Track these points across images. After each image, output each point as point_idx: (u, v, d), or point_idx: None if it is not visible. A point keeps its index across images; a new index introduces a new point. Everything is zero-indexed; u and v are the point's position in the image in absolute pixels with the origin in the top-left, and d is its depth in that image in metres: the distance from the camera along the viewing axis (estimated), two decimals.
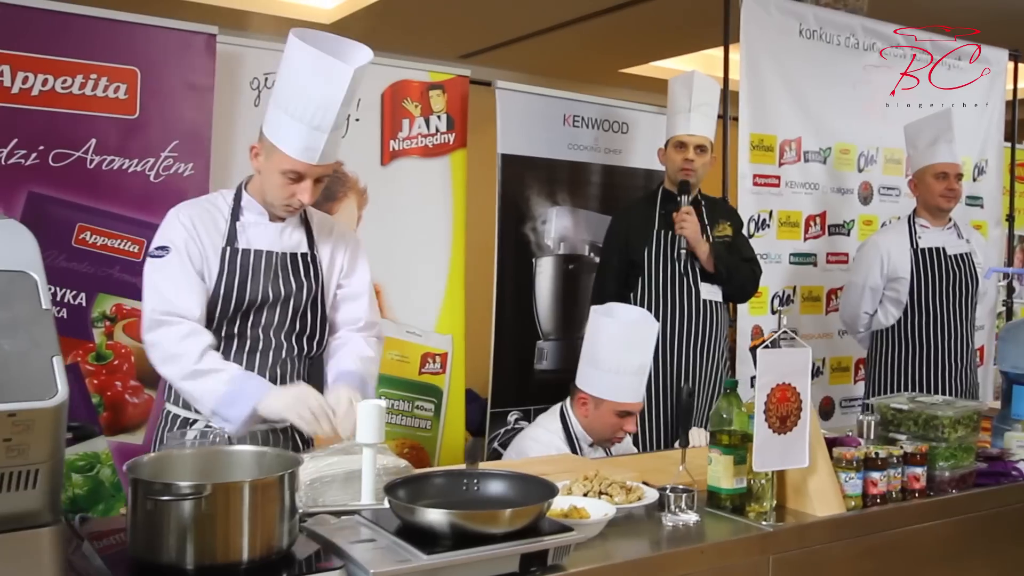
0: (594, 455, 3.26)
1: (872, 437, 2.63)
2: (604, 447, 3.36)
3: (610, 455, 3.33)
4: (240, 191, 2.63)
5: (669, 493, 2.25)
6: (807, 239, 5.18)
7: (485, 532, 1.78)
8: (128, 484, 1.69)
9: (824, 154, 5.17)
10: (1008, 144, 6.18)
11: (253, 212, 2.60)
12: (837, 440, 2.54)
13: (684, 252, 3.90)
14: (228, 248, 2.54)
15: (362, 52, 2.48)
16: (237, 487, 1.68)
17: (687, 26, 6.87)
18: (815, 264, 5.23)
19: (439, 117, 4.37)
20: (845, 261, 5.24)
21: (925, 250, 4.36)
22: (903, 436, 2.63)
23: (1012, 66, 5.97)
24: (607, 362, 3.26)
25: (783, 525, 2.27)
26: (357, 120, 4.12)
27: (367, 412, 2.15)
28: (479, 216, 4.64)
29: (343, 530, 1.89)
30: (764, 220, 4.95)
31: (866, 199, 5.41)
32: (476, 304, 4.68)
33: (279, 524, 1.71)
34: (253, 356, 2.57)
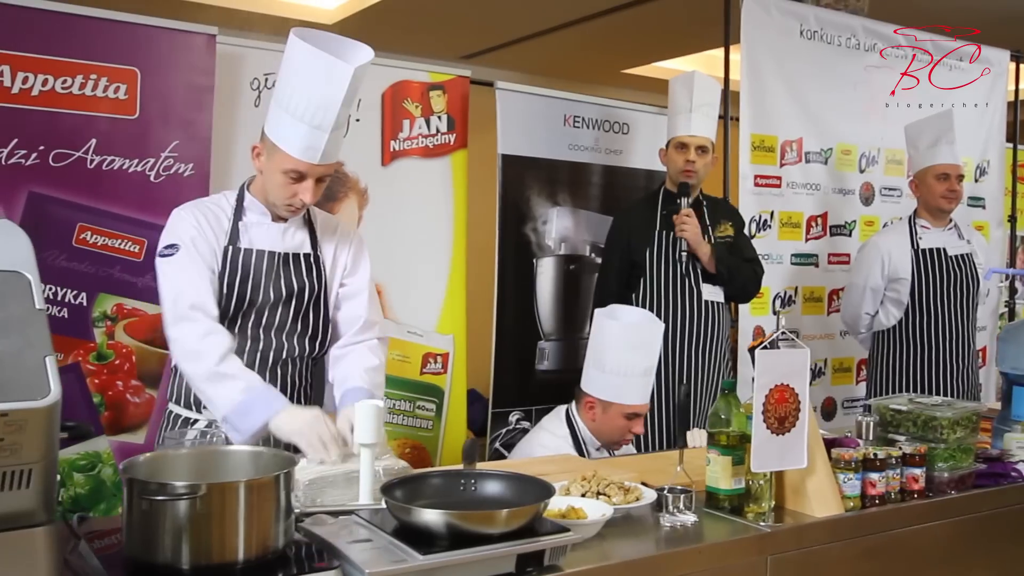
0: (598, 457, 3.26)
1: (871, 438, 2.62)
2: (611, 450, 3.35)
3: (612, 456, 3.32)
4: (243, 191, 2.63)
5: (667, 494, 2.25)
6: (808, 240, 5.17)
7: (481, 532, 1.78)
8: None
9: (825, 155, 5.17)
10: (1010, 145, 6.17)
11: (256, 212, 2.60)
12: (836, 441, 2.54)
13: (685, 254, 3.90)
14: (231, 248, 2.54)
15: (362, 51, 2.48)
16: (232, 487, 1.68)
17: (689, 26, 6.87)
18: (816, 265, 5.23)
19: (440, 117, 4.37)
20: (847, 262, 5.23)
21: (926, 251, 4.36)
22: (902, 437, 2.63)
23: (1014, 67, 5.96)
24: (614, 365, 3.23)
25: (781, 526, 2.27)
26: (357, 120, 4.12)
27: (364, 412, 2.15)
28: (480, 216, 4.63)
29: (340, 530, 1.89)
30: (765, 221, 4.94)
31: (867, 200, 5.41)
32: (477, 304, 4.68)
33: (274, 524, 1.72)
34: (254, 356, 2.56)
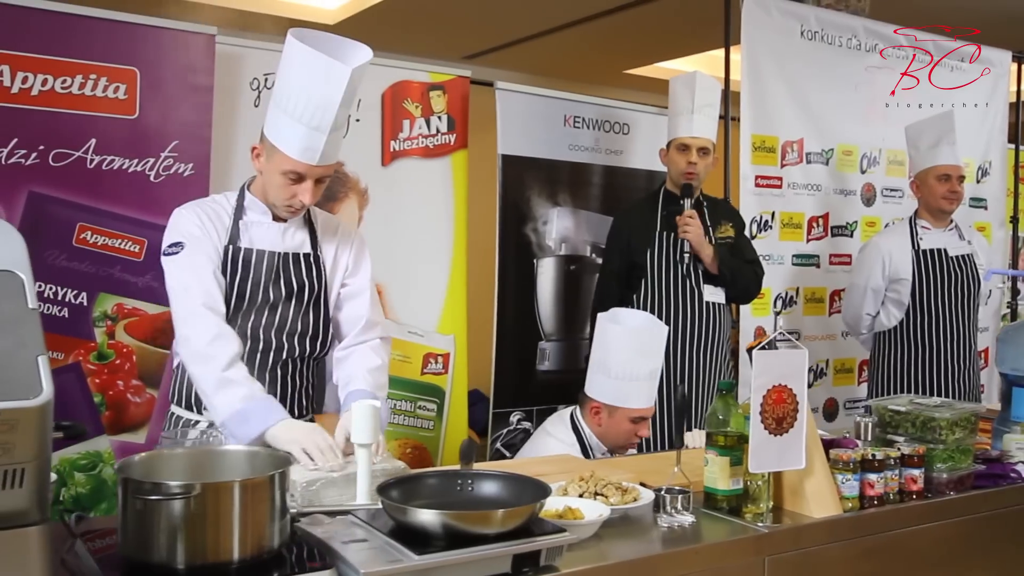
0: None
1: (869, 439, 2.61)
2: (617, 454, 3.34)
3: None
4: (243, 191, 2.63)
5: (664, 494, 2.25)
6: (810, 240, 5.17)
7: (477, 533, 1.78)
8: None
9: (826, 155, 5.16)
10: (1012, 146, 6.16)
11: (256, 212, 2.60)
12: (834, 442, 2.53)
13: (688, 255, 3.89)
14: (231, 247, 2.54)
15: (361, 52, 2.47)
16: (227, 487, 1.68)
17: (690, 27, 6.87)
18: (818, 265, 5.22)
19: (440, 118, 4.37)
20: (848, 262, 5.23)
21: (926, 251, 4.35)
22: (901, 438, 2.62)
23: (1015, 67, 5.95)
24: (619, 369, 3.21)
25: (779, 526, 2.26)
26: (357, 120, 4.12)
27: (361, 412, 2.15)
28: (480, 217, 4.63)
29: (336, 530, 1.89)
30: (766, 221, 4.94)
31: (869, 200, 5.40)
32: (478, 305, 4.67)
33: (270, 524, 1.72)
34: (255, 356, 2.56)
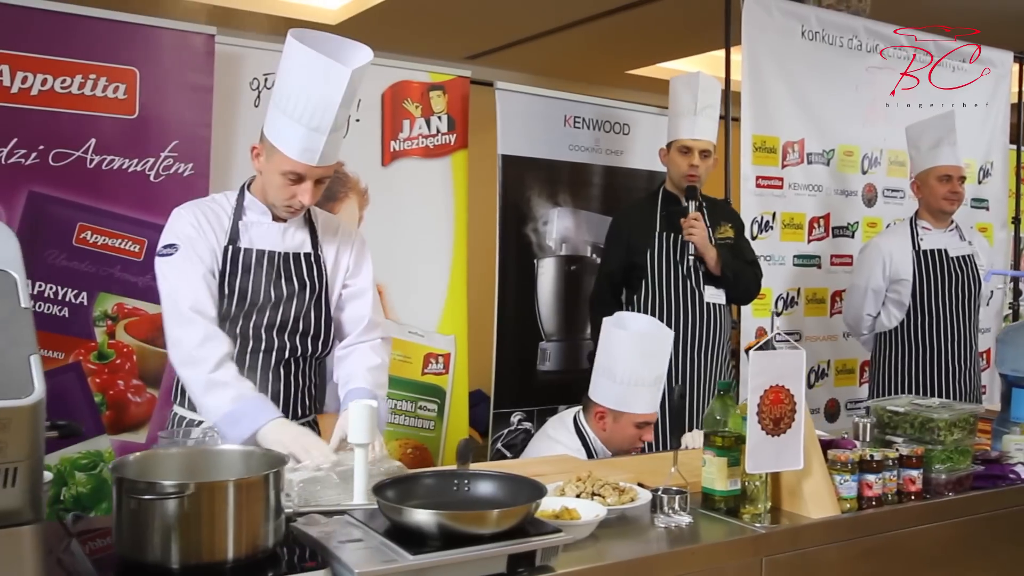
0: None
1: (868, 439, 2.61)
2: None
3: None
4: (243, 191, 2.63)
5: (662, 495, 2.24)
6: (811, 241, 5.16)
7: (472, 533, 1.77)
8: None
9: (827, 156, 5.16)
10: (1014, 146, 6.15)
11: (256, 212, 2.60)
12: (832, 442, 2.53)
13: (692, 257, 3.89)
14: (231, 247, 2.54)
15: (361, 53, 2.47)
16: (221, 486, 1.67)
17: (692, 27, 6.86)
18: (819, 266, 5.22)
19: (440, 118, 4.37)
20: (849, 263, 5.21)
21: (927, 252, 4.35)
22: (899, 439, 2.62)
23: (1017, 68, 5.94)
24: (624, 374, 3.20)
25: (776, 527, 2.26)
26: (357, 120, 4.12)
27: (358, 412, 2.14)
28: (481, 217, 4.63)
29: (332, 530, 1.88)
30: (767, 222, 4.93)
31: (870, 201, 5.39)
32: (479, 305, 4.67)
33: (264, 523, 1.71)
34: (256, 356, 2.56)
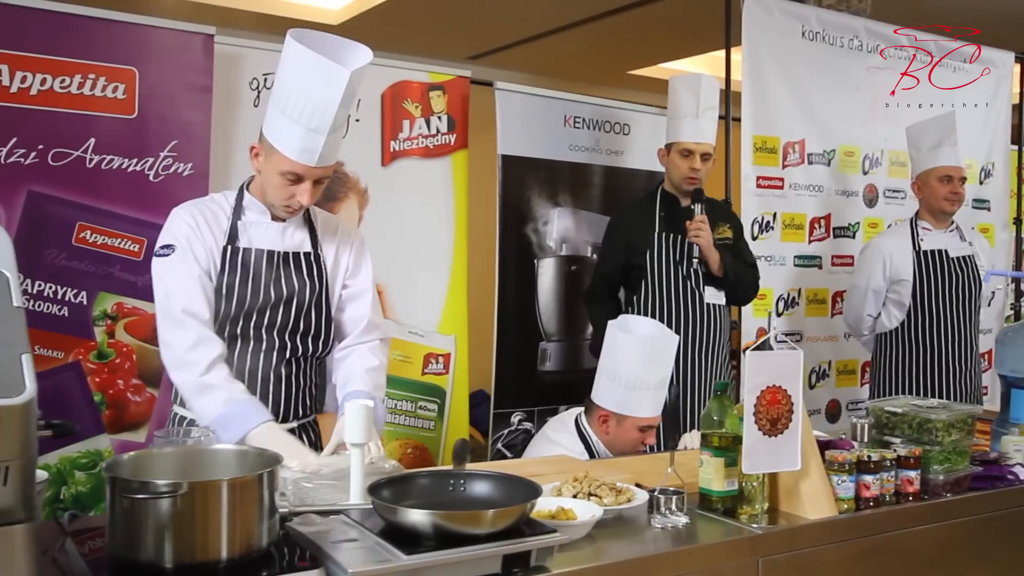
0: None
1: (866, 440, 2.61)
2: None
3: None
4: (242, 191, 2.63)
5: (658, 495, 2.24)
6: (811, 241, 5.15)
7: (467, 533, 1.77)
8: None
9: (828, 156, 5.15)
10: (1016, 147, 6.14)
11: (255, 212, 2.59)
12: (830, 443, 2.53)
13: (697, 260, 3.89)
14: (229, 247, 2.54)
15: (360, 53, 2.47)
16: (215, 486, 1.67)
17: (694, 27, 6.86)
18: (820, 267, 5.21)
19: (440, 118, 4.36)
20: (850, 264, 5.20)
21: (927, 252, 4.34)
22: (897, 439, 2.61)
23: (1018, 68, 5.93)
24: (628, 378, 3.18)
25: (773, 527, 2.25)
26: (357, 120, 4.12)
27: (354, 412, 2.14)
28: (481, 217, 4.63)
29: (327, 530, 1.88)
30: (768, 222, 4.93)
31: (871, 201, 5.38)
32: (479, 305, 4.67)
33: (258, 523, 1.71)
34: (257, 356, 2.56)
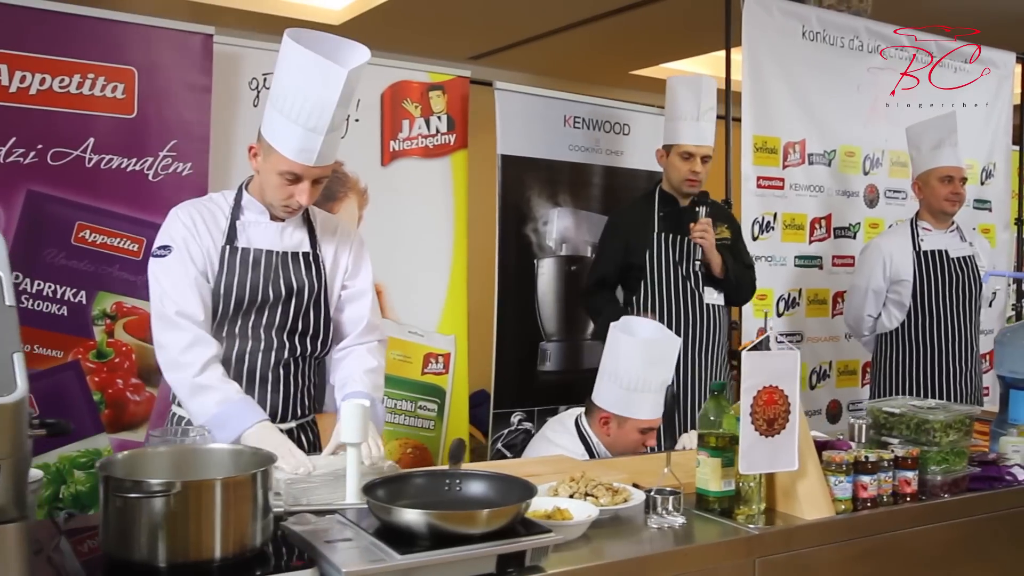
0: None
1: (863, 440, 2.60)
2: None
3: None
4: (241, 191, 2.62)
5: (655, 495, 2.24)
6: (812, 242, 5.15)
7: (462, 532, 1.77)
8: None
9: (829, 156, 5.14)
10: (1017, 147, 6.12)
11: (253, 211, 2.59)
12: (827, 444, 2.53)
13: (700, 263, 3.89)
14: (228, 247, 2.54)
15: (358, 53, 2.46)
16: (208, 485, 1.67)
17: (696, 28, 6.85)
18: (820, 267, 5.21)
19: (439, 118, 4.36)
20: (851, 264, 5.20)
21: (927, 253, 4.34)
22: (895, 440, 2.61)
23: (1019, 69, 5.92)
24: (630, 380, 3.17)
25: (769, 528, 2.25)
26: (357, 120, 4.12)
27: (350, 412, 2.14)
28: (481, 217, 4.63)
29: (322, 529, 1.88)
30: (768, 222, 4.92)
31: (872, 202, 5.38)
32: (479, 305, 4.67)
33: (252, 522, 1.71)
34: (255, 356, 2.56)
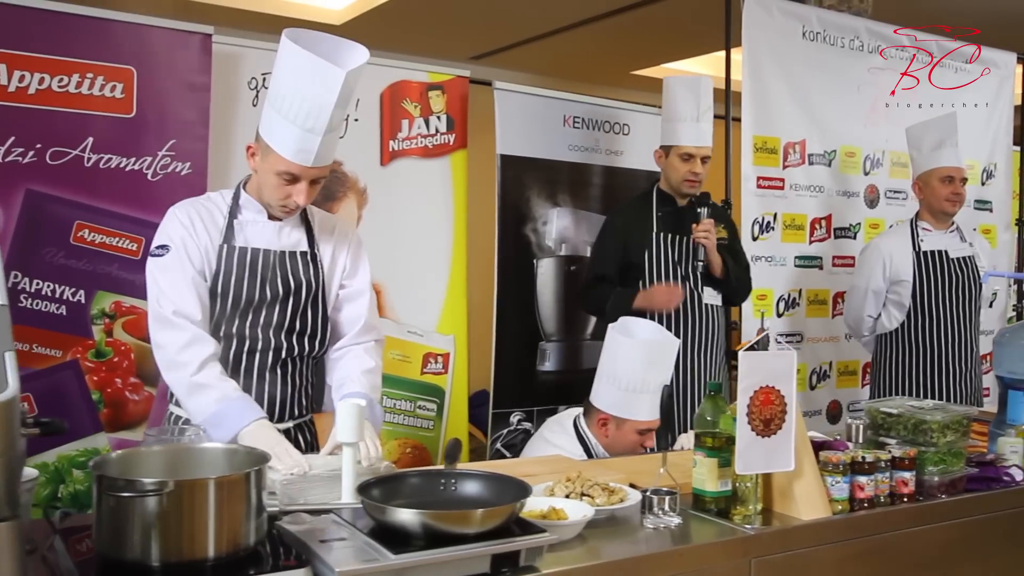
0: None
1: (861, 441, 2.60)
2: None
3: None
4: (239, 190, 2.63)
5: (651, 495, 2.23)
6: (812, 242, 5.14)
7: (456, 532, 1.77)
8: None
9: (829, 157, 5.14)
10: (1018, 148, 6.12)
11: (251, 211, 2.59)
12: (824, 444, 2.53)
13: (702, 263, 3.89)
14: (225, 246, 2.54)
15: (356, 53, 2.47)
16: (202, 484, 1.67)
17: (697, 28, 6.84)
18: (821, 267, 5.20)
19: (439, 118, 4.36)
20: (851, 264, 5.19)
21: (927, 253, 4.33)
22: (893, 440, 2.61)
23: (1020, 69, 5.91)
24: (628, 381, 3.17)
25: (766, 528, 2.25)
26: (356, 120, 4.13)
27: (346, 411, 2.14)
28: (480, 217, 4.63)
29: (317, 529, 1.88)
30: (768, 223, 4.92)
31: (872, 202, 5.37)
32: (478, 305, 4.67)
33: (245, 521, 1.71)
34: (253, 355, 2.56)
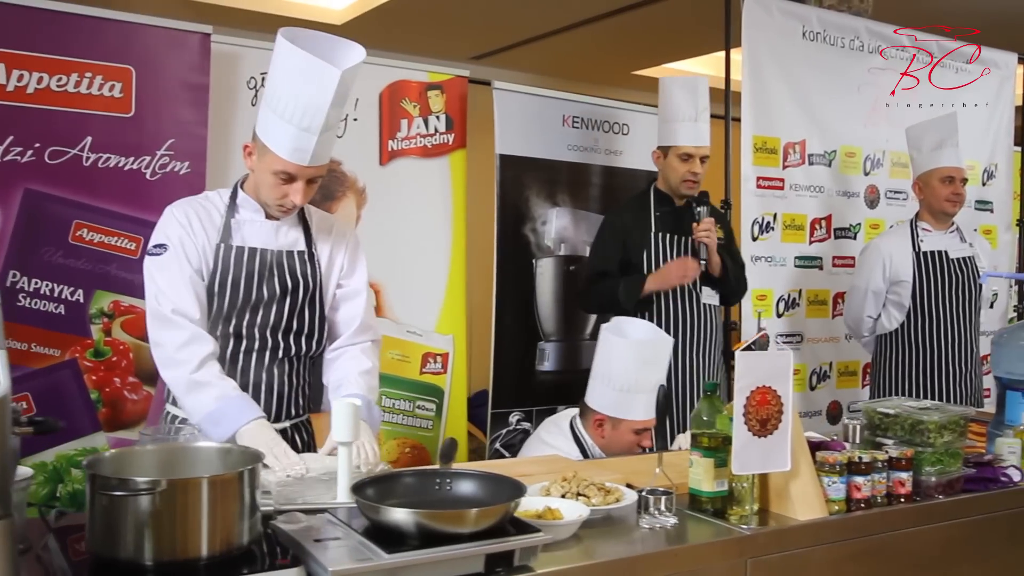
0: None
1: (858, 441, 2.60)
2: None
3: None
4: (236, 189, 2.62)
5: (647, 495, 2.23)
6: (812, 242, 5.14)
7: (450, 532, 1.77)
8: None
9: (829, 157, 5.13)
10: (1019, 148, 6.11)
11: (249, 210, 2.59)
12: (821, 444, 2.52)
13: (704, 262, 3.89)
14: (223, 245, 2.54)
15: (353, 53, 2.47)
16: (195, 483, 1.67)
17: (698, 28, 6.84)
18: (821, 268, 5.20)
19: (438, 117, 4.37)
20: (852, 265, 5.18)
21: (927, 253, 4.33)
22: (890, 441, 2.60)
23: (1021, 70, 5.90)
24: (623, 381, 3.17)
25: (762, 528, 2.24)
26: (355, 120, 4.13)
27: (341, 411, 2.14)
28: (480, 216, 4.63)
29: (311, 528, 1.88)
30: (768, 223, 4.91)
31: (873, 203, 5.37)
32: (477, 305, 4.67)
33: (239, 520, 1.71)
34: (249, 355, 2.56)
